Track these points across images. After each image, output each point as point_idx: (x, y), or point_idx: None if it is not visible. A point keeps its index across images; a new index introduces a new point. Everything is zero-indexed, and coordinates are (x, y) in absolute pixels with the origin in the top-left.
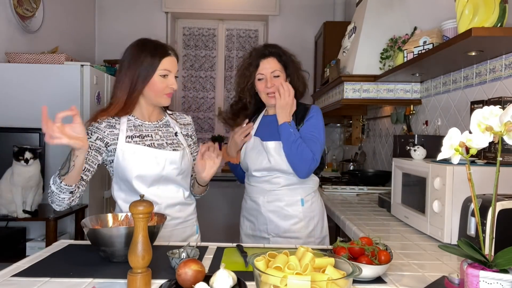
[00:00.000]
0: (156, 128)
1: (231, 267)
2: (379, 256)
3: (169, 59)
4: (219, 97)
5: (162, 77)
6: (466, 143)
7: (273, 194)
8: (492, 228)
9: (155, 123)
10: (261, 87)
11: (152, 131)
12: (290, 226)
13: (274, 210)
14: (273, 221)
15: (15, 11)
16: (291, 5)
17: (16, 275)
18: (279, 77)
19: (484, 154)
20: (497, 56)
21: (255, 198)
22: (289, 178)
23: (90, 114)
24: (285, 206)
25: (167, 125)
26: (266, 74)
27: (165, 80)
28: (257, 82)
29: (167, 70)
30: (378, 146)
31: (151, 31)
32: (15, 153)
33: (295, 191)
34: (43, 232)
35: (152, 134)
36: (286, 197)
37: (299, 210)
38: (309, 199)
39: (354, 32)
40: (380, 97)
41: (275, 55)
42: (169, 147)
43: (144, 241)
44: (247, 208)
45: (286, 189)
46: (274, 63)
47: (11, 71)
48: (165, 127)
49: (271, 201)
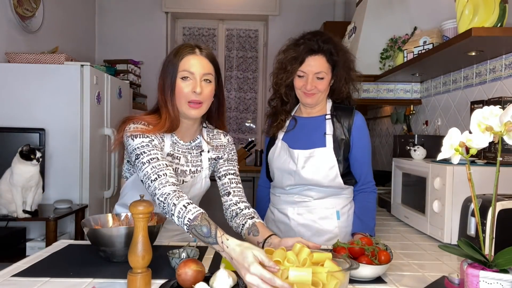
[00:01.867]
0: (186, 150)
1: (231, 267)
2: (379, 256)
3: (192, 57)
4: None
5: (183, 80)
6: (466, 143)
7: (304, 205)
8: (492, 228)
9: (187, 144)
10: (299, 84)
11: (182, 153)
12: (324, 242)
13: (305, 224)
14: (304, 236)
15: (15, 11)
16: (291, 5)
17: (16, 275)
18: (323, 79)
19: (484, 154)
20: (497, 56)
21: (283, 209)
22: (321, 190)
23: (90, 114)
24: (318, 220)
25: (199, 146)
26: (309, 73)
27: (188, 83)
28: (296, 78)
29: (187, 71)
30: (378, 146)
31: (151, 31)
32: (24, 153)
33: (329, 202)
34: (43, 232)
35: (180, 157)
36: (319, 210)
37: (335, 225)
38: (345, 211)
39: (354, 32)
40: (380, 97)
41: (326, 53)
42: (190, 175)
43: (144, 241)
44: (273, 220)
45: (320, 200)
46: (321, 62)
47: (11, 71)
48: (196, 149)
49: (302, 213)
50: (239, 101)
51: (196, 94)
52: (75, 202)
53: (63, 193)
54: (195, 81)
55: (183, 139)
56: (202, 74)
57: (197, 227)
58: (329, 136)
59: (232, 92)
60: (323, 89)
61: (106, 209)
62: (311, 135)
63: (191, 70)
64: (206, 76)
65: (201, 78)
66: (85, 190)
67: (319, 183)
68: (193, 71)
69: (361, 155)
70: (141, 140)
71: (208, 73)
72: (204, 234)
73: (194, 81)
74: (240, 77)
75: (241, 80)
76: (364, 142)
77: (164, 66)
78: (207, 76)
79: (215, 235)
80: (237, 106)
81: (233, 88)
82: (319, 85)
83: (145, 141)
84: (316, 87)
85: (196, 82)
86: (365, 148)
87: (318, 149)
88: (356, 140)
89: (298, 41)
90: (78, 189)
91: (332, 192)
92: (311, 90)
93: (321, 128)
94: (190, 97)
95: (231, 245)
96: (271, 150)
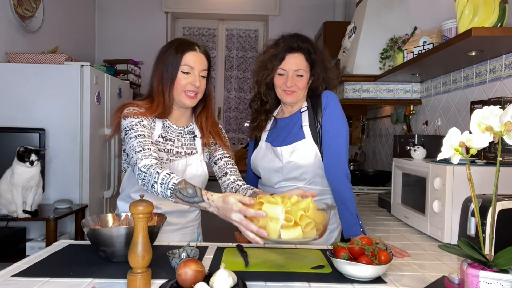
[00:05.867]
0: (180, 134)
1: (231, 267)
2: (379, 256)
3: (193, 54)
4: (219, 97)
5: (185, 73)
6: (466, 143)
7: None
8: (492, 228)
9: (181, 128)
10: (279, 82)
11: (175, 137)
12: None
13: None
14: None
15: (15, 11)
16: (291, 5)
17: (16, 275)
18: (303, 77)
19: (484, 154)
20: (497, 56)
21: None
22: (309, 188)
23: (90, 114)
24: None
25: (191, 132)
26: (289, 70)
27: (187, 77)
28: (276, 76)
29: (189, 66)
30: (378, 146)
31: (151, 31)
32: (20, 154)
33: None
34: (43, 232)
35: (175, 140)
36: None
37: None
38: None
39: (354, 32)
40: (380, 97)
41: (304, 51)
42: (185, 157)
43: (144, 241)
44: None
45: None
46: (300, 60)
47: (11, 71)
48: (189, 134)
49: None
50: (239, 101)
51: (195, 86)
52: (75, 202)
53: (63, 193)
54: (195, 76)
55: (177, 123)
56: (200, 69)
57: (182, 189)
58: (306, 127)
59: (232, 92)
60: (302, 87)
61: (106, 209)
62: (290, 130)
63: (192, 65)
64: (203, 72)
65: (199, 73)
66: (85, 190)
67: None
68: (193, 66)
69: (329, 135)
70: (131, 120)
71: (205, 69)
72: (190, 194)
73: (193, 75)
74: (240, 77)
75: (241, 80)
76: (329, 117)
77: (163, 57)
78: (203, 72)
79: (201, 194)
80: (237, 106)
81: (233, 88)
82: (299, 83)
83: (135, 121)
84: (295, 85)
85: (195, 77)
86: (330, 125)
87: (299, 142)
88: (326, 118)
89: (278, 41)
90: (78, 189)
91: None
92: (291, 87)
93: (299, 122)
94: (187, 88)
95: (215, 199)
96: (255, 152)
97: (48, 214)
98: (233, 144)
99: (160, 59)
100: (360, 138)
